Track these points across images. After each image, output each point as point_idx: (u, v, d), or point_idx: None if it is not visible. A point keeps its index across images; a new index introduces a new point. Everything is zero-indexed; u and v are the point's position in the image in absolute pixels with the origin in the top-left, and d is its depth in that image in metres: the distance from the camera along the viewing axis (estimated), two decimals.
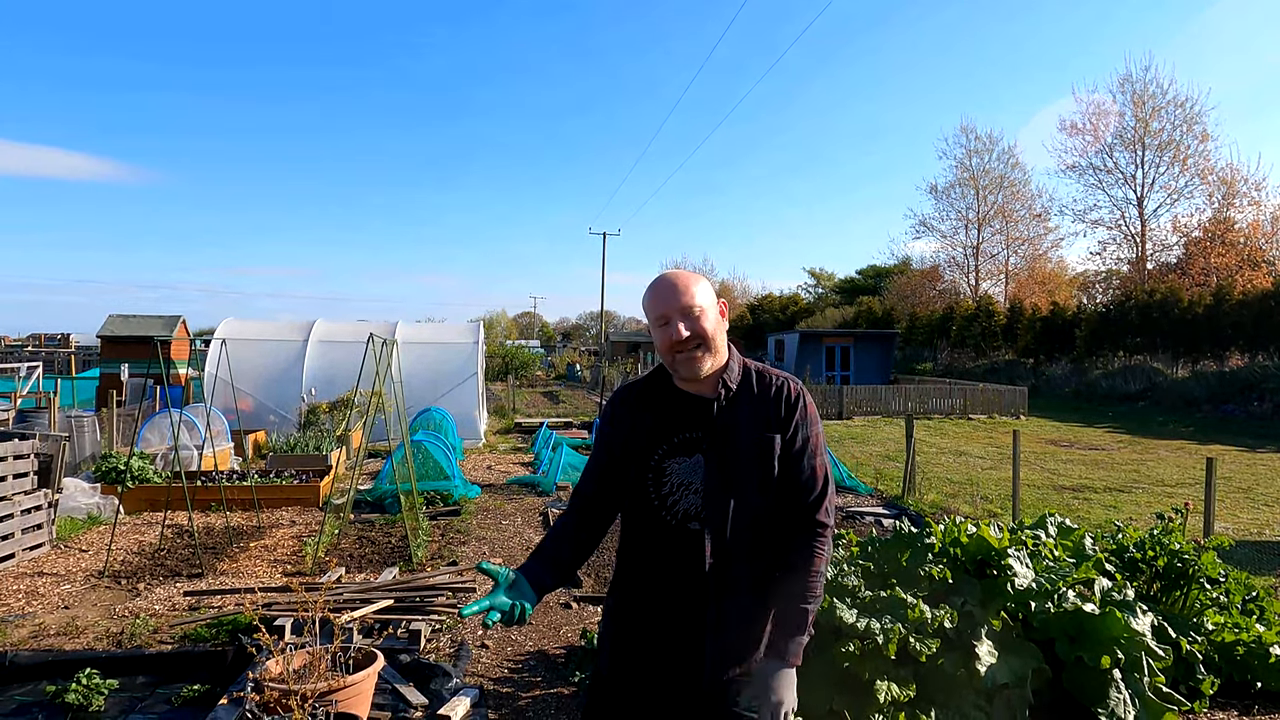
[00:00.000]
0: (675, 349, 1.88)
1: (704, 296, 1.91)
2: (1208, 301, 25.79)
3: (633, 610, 1.98)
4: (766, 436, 1.91)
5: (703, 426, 1.92)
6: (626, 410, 2.02)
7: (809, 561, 1.89)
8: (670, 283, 1.92)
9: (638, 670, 1.95)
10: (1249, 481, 11.23)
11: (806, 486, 1.92)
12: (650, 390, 2.01)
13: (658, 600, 1.94)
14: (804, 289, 63.81)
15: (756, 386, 1.96)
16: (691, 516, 1.90)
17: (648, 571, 1.96)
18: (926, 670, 3.37)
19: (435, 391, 13.90)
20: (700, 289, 1.92)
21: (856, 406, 21.16)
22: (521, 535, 7.50)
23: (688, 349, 1.88)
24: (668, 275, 1.94)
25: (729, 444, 1.89)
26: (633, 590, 1.99)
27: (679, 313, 1.88)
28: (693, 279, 1.93)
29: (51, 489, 6.93)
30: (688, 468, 1.92)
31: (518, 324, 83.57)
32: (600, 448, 2.04)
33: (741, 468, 1.89)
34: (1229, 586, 4.34)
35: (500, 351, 35.87)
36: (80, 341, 43.23)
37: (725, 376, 1.94)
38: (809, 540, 1.91)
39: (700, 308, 1.89)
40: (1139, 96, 34.12)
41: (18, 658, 4.35)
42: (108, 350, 17.49)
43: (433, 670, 4.11)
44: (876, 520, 8.22)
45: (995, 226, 42.14)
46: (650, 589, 1.95)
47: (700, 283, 1.93)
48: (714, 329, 1.90)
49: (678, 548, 1.91)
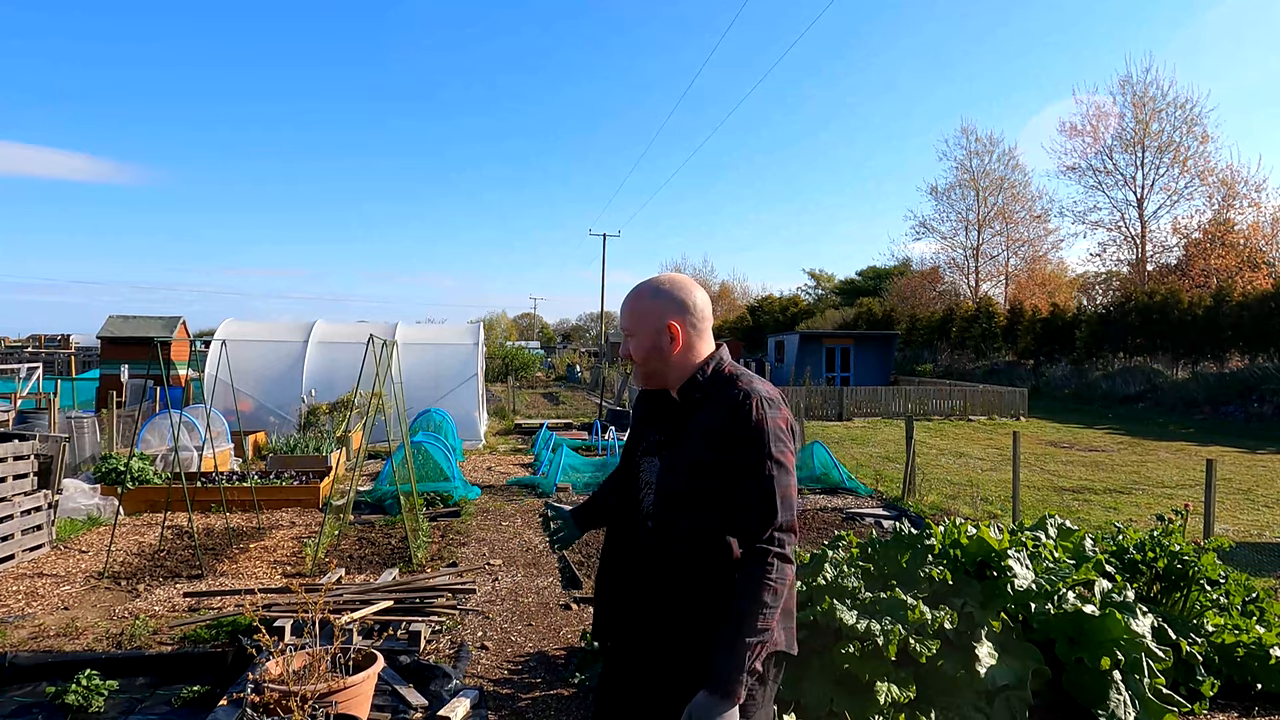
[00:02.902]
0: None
1: (640, 320, 1.93)
2: (1208, 303, 25.79)
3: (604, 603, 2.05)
4: (706, 451, 1.83)
5: (666, 429, 1.97)
6: (639, 404, 2.15)
7: (746, 590, 1.73)
8: (625, 299, 1.99)
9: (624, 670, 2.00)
10: (1249, 483, 11.23)
11: (745, 508, 1.79)
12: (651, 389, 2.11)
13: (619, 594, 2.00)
14: (804, 290, 63.89)
15: (721, 397, 1.87)
16: (648, 515, 1.95)
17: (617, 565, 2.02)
18: (926, 671, 3.37)
19: (435, 393, 13.90)
20: (636, 313, 1.94)
21: (856, 408, 21.16)
22: (521, 537, 7.50)
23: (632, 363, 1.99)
24: (632, 289, 1.99)
25: (675, 452, 1.91)
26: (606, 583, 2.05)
27: (624, 330, 1.98)
28: (635, 301, 1.95)
29: (51, 490, 6.93)
30: (650, 468, 1.98)
31: (518, 325, 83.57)
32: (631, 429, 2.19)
33: (681, 478, 1.87)
34: (1229, 588, 4.34)
35: (500, 353, 35.83)
36: (80, 342, 43.17)
37: (690, 387, 1.94)
38: (748, 568, 1.76)
39: (633, 332, 1.95)
40: (1139, 98, 34.14)
41: (17, 659, 4.35)
42: (107, 351, 17.47)
43: (432, 671, 4.11)
44: (876, 522, 8.22)
45: (995, 228, 42.18)
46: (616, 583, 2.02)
47: (638, 305, 1.94)
48: (648, 352, 1.93)
49: (636, 543, 1.97)
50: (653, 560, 1.90)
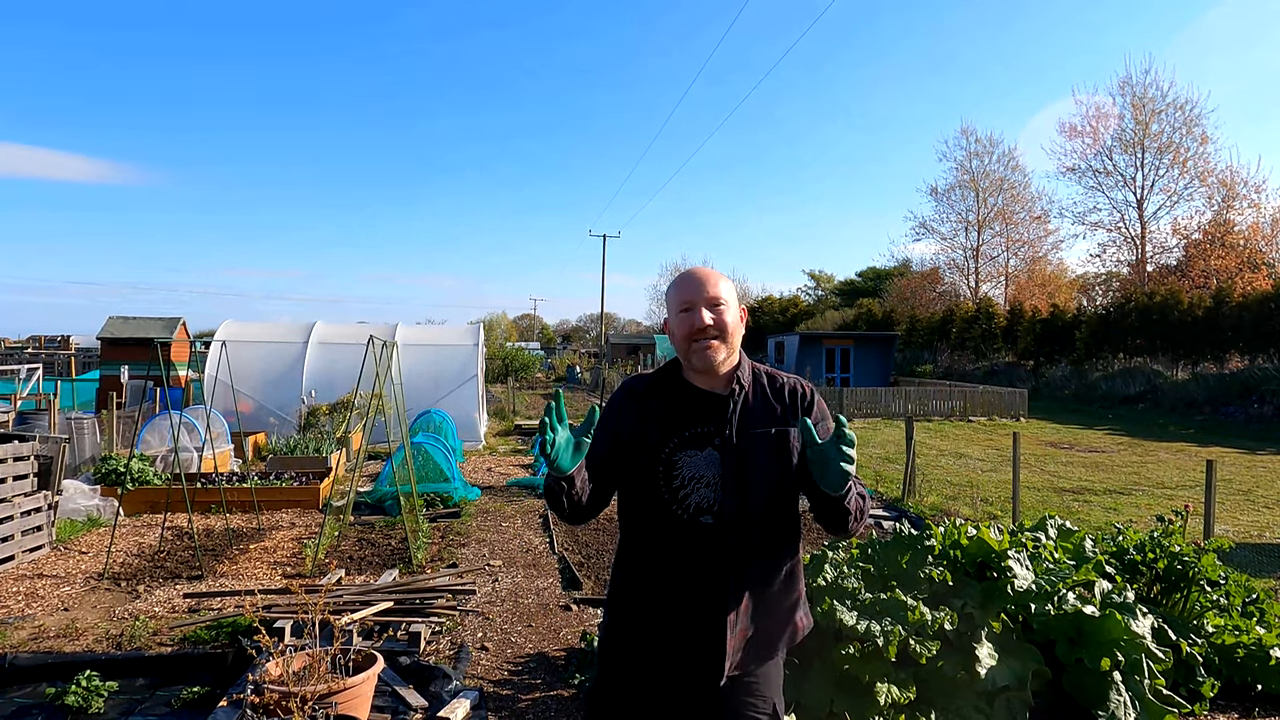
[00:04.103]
0: (694, 336, 1.92)
1: (729, 292, 1.98)
2: (1207, 304, 25.80)
3: (642, 607, 1.97)
4: (784, 430, 1.94)
5: (715, 421, 1.94)
6: (635, 401, 2.02)
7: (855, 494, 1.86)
8: (699, 274, 1.99)
9: (647, 668, 1.95)
10: (1249, 484, 11.23)
11: None
12: (660, 383, 2.03)
13: (669, 596, 1.93)
14: (804, 291, 63.95)
15: (769, 386, 2.02)
16: (704, 510, 1.90)
17: (657, 566, 1.95)
18: (927, 672, 3.37)
19: (435, 393, 13.91)
20: (726, 285, 1.99)
21: (856, 408, 21.16)
22: (521, 538, 7.50)
23: (705, 337, 1.91)
24: (697, 269, 2.01)
25: (744, 438, 1.92)
26: (641, 586, 1.98)
27: (704, 301, 1.93)
28: (721, 276, 2.01)
29: (51, 491, 6.93)
30: (700, 461, 1.92)
31: (517, 326, 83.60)
32: (600, 431, 1.99)
33: (756, 461, 1.91)
34: (1229, 589, 4.33)
35: (500, 354, 35.84)
36: (80, 343, 43.21)
37: (738, 374, 1.98)
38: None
39: (725, 301, 1.95)
40: (1139, 99, 34.21)
41: (17, 660, 4.35)
42: (107, 352, 17.47)
43: (432, 672, 4.11)
44: (876, 522, 8.22)
45: (995, 229, 42.23)
46: (661, 584, 1.94)
47: (726, 280, 2.01)
48: (734, 325, 1.96)
49: (689, 542, 1.91)
50: (742, 548, 1.88)
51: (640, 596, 1.98)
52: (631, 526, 2.02)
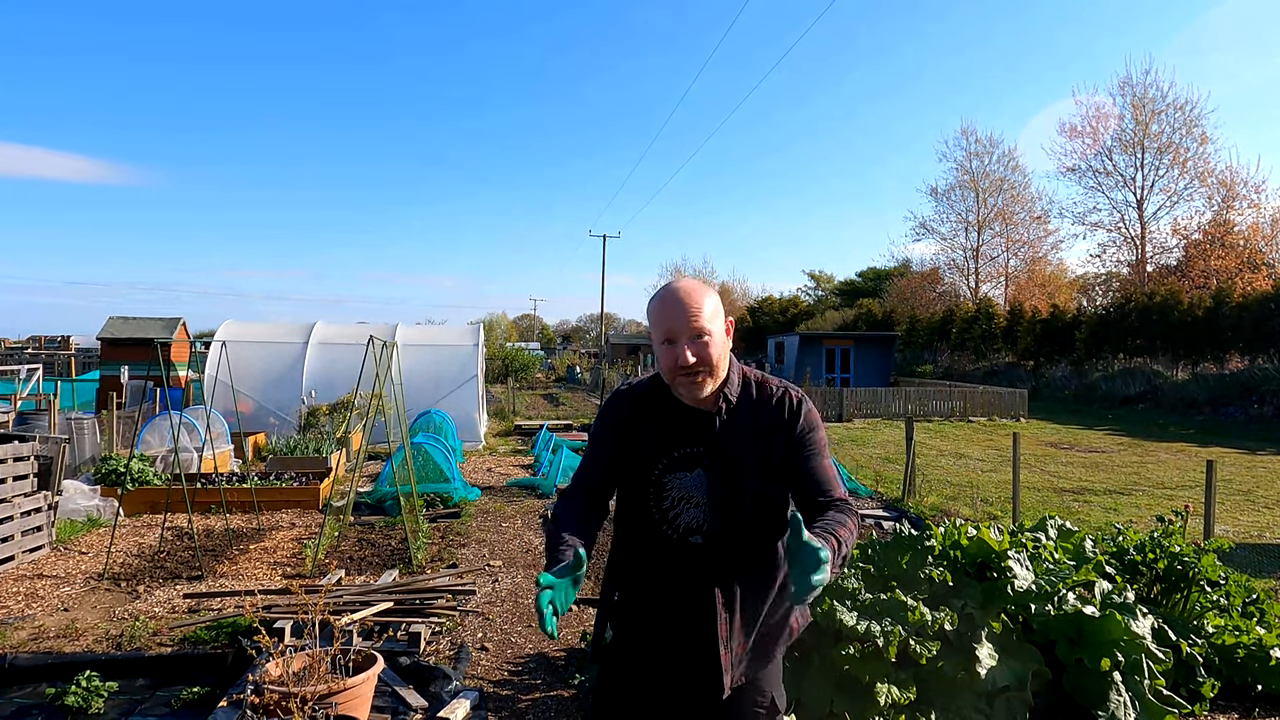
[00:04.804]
0: (679, 373, 1.81)
1: (713, 318, 1.82)
2: (1207, 304, 25.78)
3: (635, 623, 1.97)
4: (768, 448, 1.88)
5: (703, 440, 1.89)
6: (627, 414, 1.96)
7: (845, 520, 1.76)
8: (680, 300, 1.80)
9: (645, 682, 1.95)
10: (1249, 484, 11.22)
11: (826, 481, 1.88)
12: (650, 399, 1.96)
13: (661, 613, 1.93)
14: (804, 291, 63.89)
15: (757, 396, 1.92)
16: (694, 530, 1.89)
17: (649, 584, 1.95)
18: (927, 672, 3.37)
19: (435, 394, 13.91)
20: (709, 308, 1.82)
21: (856, 409, 21.16)
22: (522, 538, 7.50)
23: (691, 373, 1.81)
24: (677, 289, 1.83)
25: (731, 458, 1.87)
26: (634, 602, 1.98)
27: (686, 335, 1.79)
28: (704, 295, 1.82)
29: (51, 491, 6.93)
30: (689, 482, 1.90)
31: (517, 326, 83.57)
32: (601, 446, 1.97)
33: (744, 481, 1.87)
34: (1229, 589, 4.33)
35: (500, 354, 35.84)
36: (80, 344, 43.22)
37: (726, 390, 1.89)
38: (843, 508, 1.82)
39: (709, 332, 1.80)
40: (1139, 99, 34.17)
41: (17, 660, 4.35)
42: (107, 352, 17.47)
43: (432, 673, 4.11)
44: (876, 523, 8.22)
45: (995, 229, 42.18)
46: (652, 602, 1.94)
47: (710, 299, 1.84)
48: (719, 354, 1.83)
49: (679, 561, 1.90)
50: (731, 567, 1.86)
51: (634, 614, 1.98)
52: (624, 538, 2.02)
